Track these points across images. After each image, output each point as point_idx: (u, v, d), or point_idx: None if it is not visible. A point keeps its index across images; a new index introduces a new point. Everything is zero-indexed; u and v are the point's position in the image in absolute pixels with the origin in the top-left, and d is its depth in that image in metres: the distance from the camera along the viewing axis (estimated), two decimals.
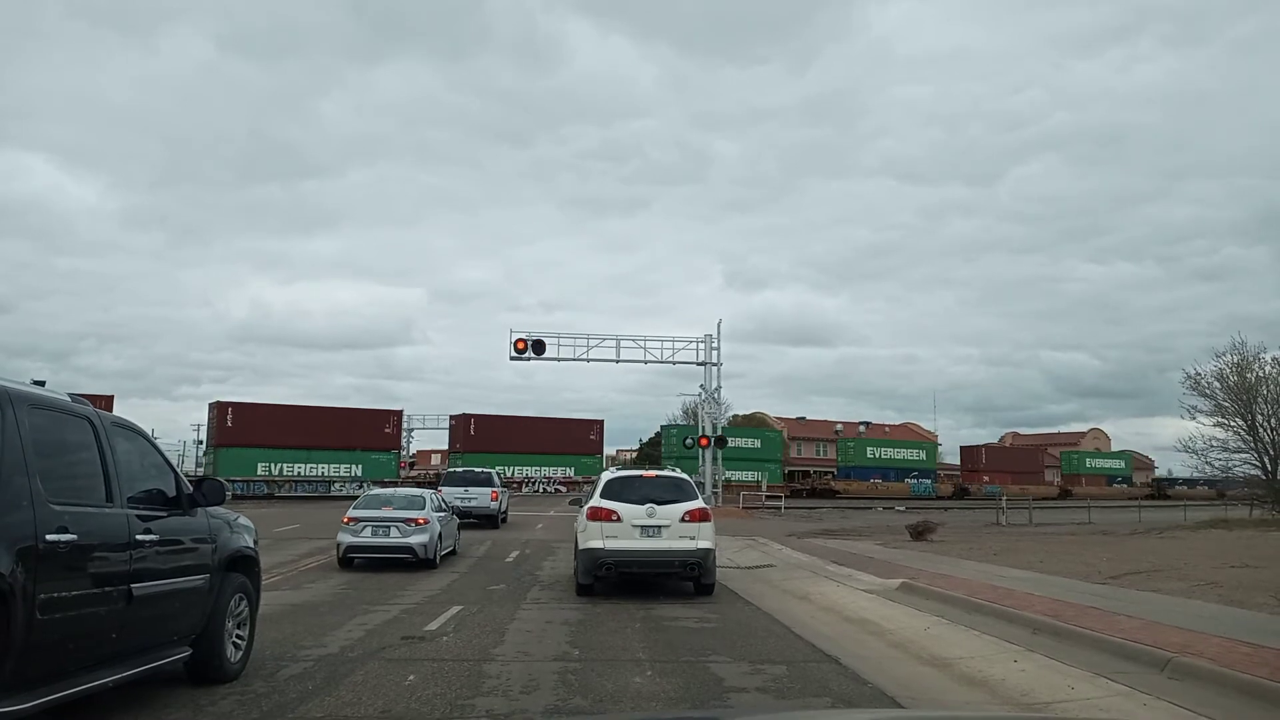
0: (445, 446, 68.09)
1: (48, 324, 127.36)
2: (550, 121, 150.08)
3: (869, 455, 78.04)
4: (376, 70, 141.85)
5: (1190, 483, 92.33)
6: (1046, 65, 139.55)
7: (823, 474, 78.20)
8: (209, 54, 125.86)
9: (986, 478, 79.34)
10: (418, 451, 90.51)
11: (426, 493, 19.41)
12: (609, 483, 13.98)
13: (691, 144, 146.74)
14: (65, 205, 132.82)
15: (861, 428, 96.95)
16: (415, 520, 16.94)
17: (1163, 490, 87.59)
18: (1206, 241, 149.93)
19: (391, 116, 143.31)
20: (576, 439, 63.19)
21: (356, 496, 21.56)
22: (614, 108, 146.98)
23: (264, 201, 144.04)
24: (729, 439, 47.56)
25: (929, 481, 78.24)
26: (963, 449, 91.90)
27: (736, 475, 55.87)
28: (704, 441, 41.01)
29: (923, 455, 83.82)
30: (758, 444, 69.17)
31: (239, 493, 44.92)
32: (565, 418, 67.09)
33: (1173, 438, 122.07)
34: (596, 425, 65.05)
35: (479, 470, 32.00)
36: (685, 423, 69.70)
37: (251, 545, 7.88)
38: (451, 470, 32.85)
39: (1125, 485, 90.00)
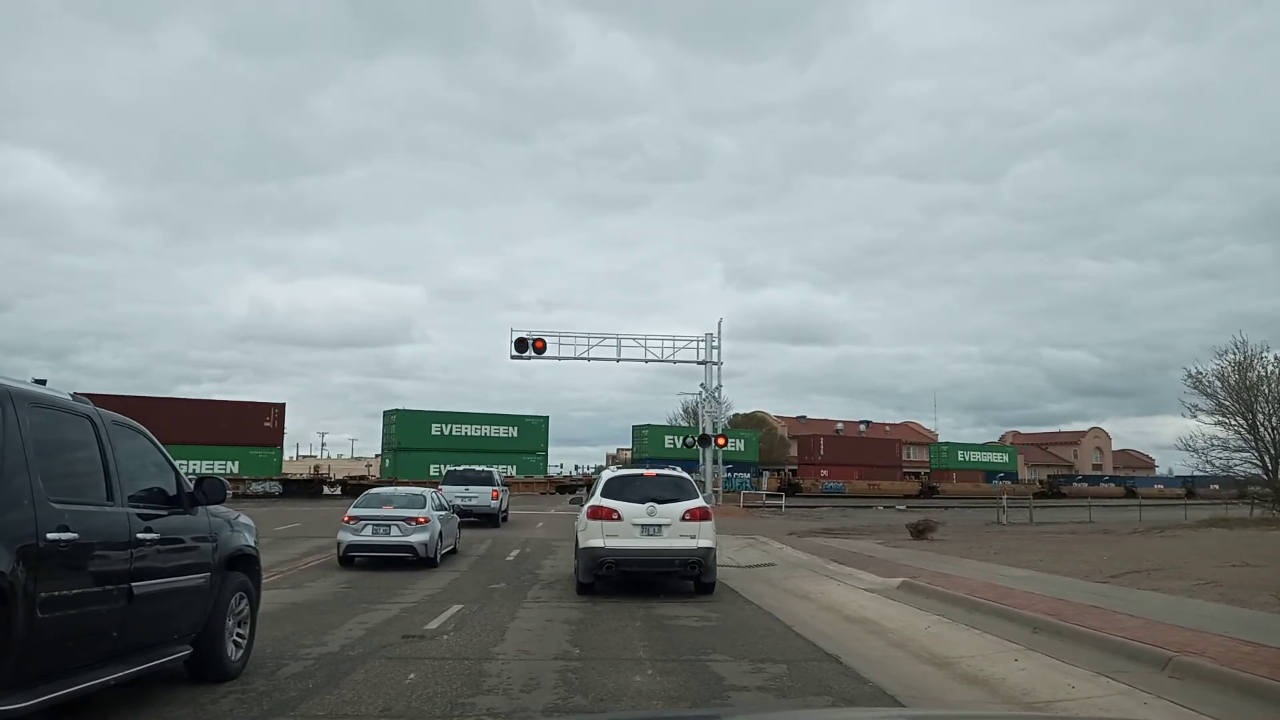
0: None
1: (45, 322, 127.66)
2: (549, 117, 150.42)
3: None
4: (374, 66, 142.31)
5: (1093, 479, 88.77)
6: (1048, 61, 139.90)
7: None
8: (206, 50, 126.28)
9: (825, 472, 70.43)
10: None
11: (427, 491, 19.40)
12: (610, 481, 13.98)
13: (691, 140, 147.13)
14: (62, 202, 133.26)
15: (862, 427, 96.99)
16: (416, 519, 16.94)
17: (1056, 489, 79.76)
18: (1208, 239, 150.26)
19: (389, 113, 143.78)
20: (247, 427, 50.69)
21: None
22: (613, 104, 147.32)
23: (262, 198, 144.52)
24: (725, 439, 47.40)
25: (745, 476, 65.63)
26: (799, 439, 79.87)
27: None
28: (720, 440, 40.96)
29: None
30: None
31: None
32: (234, 400, 56.00)
33: (1173, 436, 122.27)
34: (275, 410, 53.13)
35: (480, 469, 31.99)
36: (685, 423, 69.66)
37: (252, 544, 7.88)
38: (452, 469, 32.81)
39: (1008, 482, 78.75)
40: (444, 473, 33.43)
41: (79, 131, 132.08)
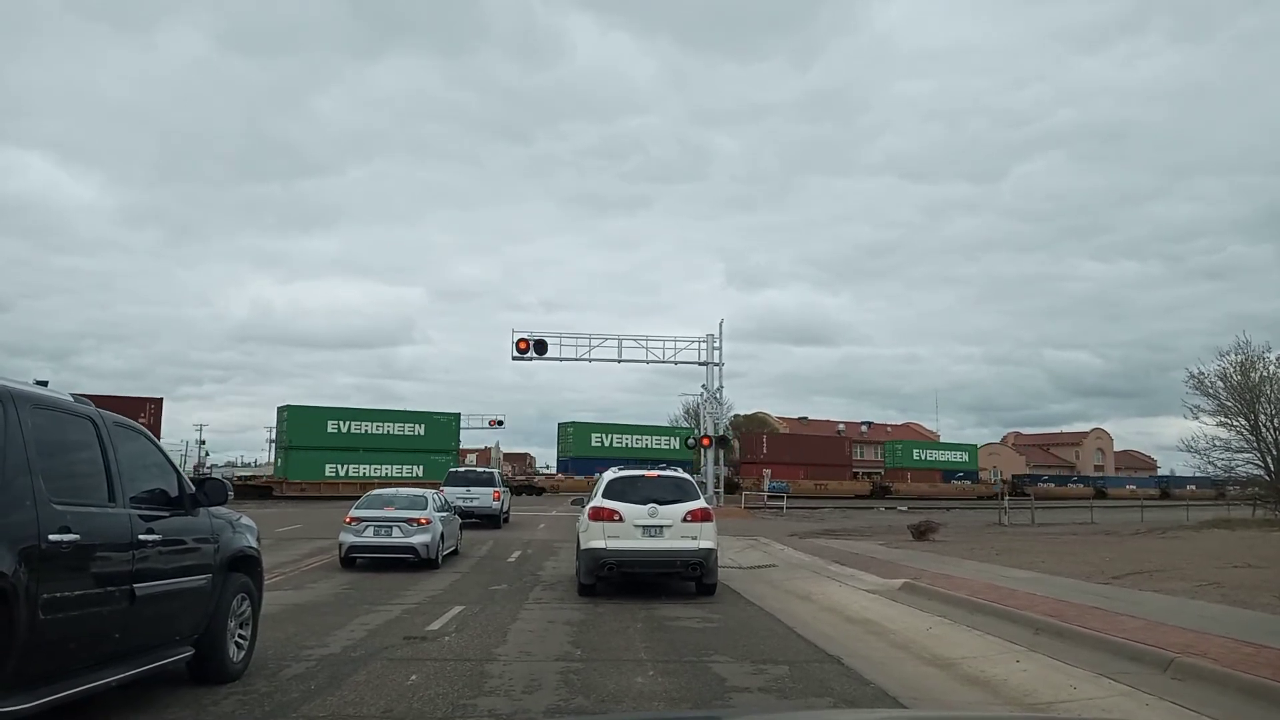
0: None
1: (47, 323, 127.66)
2: (550, 118, 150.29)
3: None
4: (374, 66, 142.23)
5: (1060, 479, 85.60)
6: (1050, 61, 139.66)
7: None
8: (206, 50, 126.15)
9: (768, 471, 65.73)
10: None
11: (428, 492, 19.42)
12: (611, 483, 13.98)
13: (692, 141, 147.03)
14: (63, 203, 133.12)
15: (864, 428, 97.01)
16: (417, 520, 16.95)
17: (1020, 489, 74.40)
18: (1210, 239, 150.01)
19: (389, 113, 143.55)
20: None
21: None
22: (614, 104, 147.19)
23: (262, 199, 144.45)
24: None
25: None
26: (742, 436, 74.85)
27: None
28: (705, 441, 41.05)
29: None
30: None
31: None
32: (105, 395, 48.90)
33: (1175, 437, 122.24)
34: (151, 406, 46.93)
35: (481, 470, 32.05)
36: (686, 424, 69.61)
37: (254, 545, 7.89)
38: (454, 470, 32.82)
39: (968, 482, 76.58)
40: (448, 474, 33.38)
41: (79, 132, 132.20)
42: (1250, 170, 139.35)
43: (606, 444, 64.75)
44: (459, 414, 60.70)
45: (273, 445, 59.26)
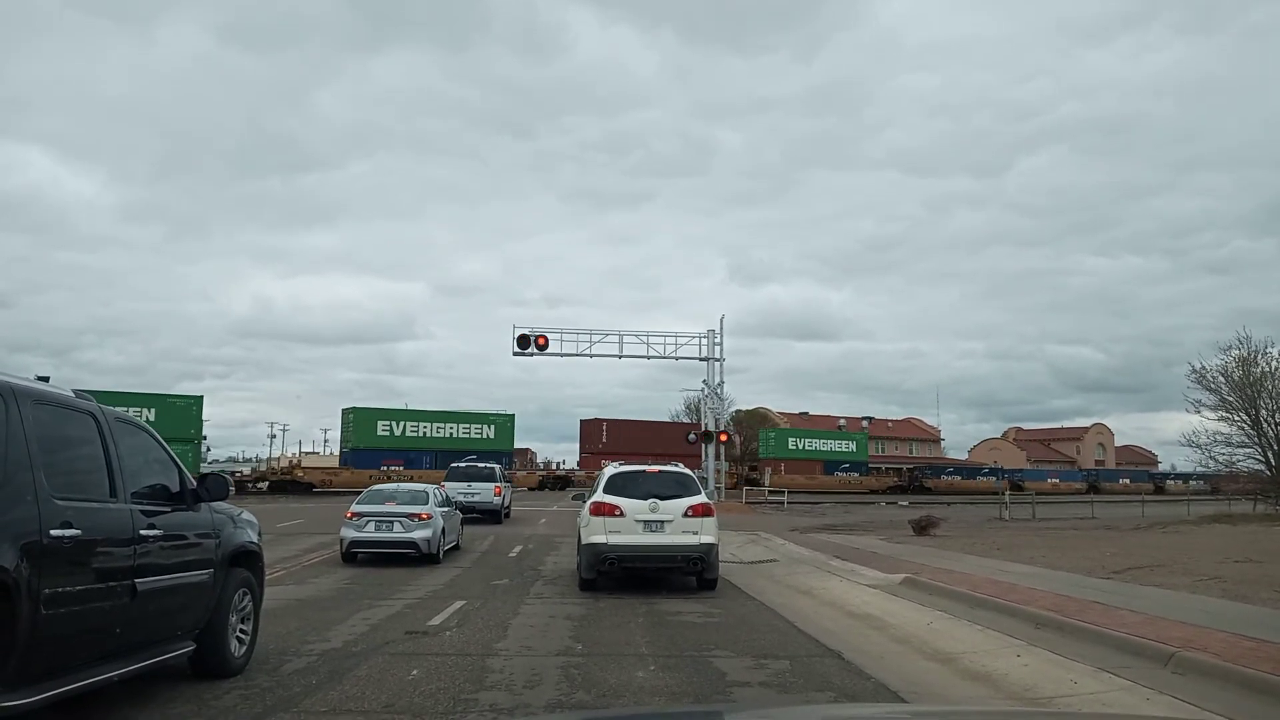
0: None
1: (48, 319, 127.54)
2: (552, 112, 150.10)
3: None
4: (375, 61, 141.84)
5: (969, 472, 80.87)
6: (1055, 54, 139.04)
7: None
8: (207, 45, 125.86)
9: (609, 462, 63.54)
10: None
11: (429, 488, 19.44)
12: (612, 478, 13.98)
13: (695, 135, 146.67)
14: (63, 198, 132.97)
15: (865, 423, 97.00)
16: (418, 515, 16.97)
17: (920, 483, 69.82)
18: (1214, 234, 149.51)
19: (391, 108, 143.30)
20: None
21: None
22: (616, 98, 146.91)
23: (263, 194, 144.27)
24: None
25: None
26: (582, 423, 70.37)
27: None
28: (723, 437, 41.03)
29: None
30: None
31: None
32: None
33: (1177, 433, 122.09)
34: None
35: (482, 465, 32.04)
36: (687, 419, 69.57)
37: (255, 540, 7.90)
38: (455, 465, 32.84)
39: (855, 475, 70.98)
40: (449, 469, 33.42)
41: (80, 128, 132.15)
42: (1255, 165, 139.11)
43: (397, 433, 57.81)
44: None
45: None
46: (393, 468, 54.71)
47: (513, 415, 63.61)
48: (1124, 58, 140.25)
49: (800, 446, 72.53)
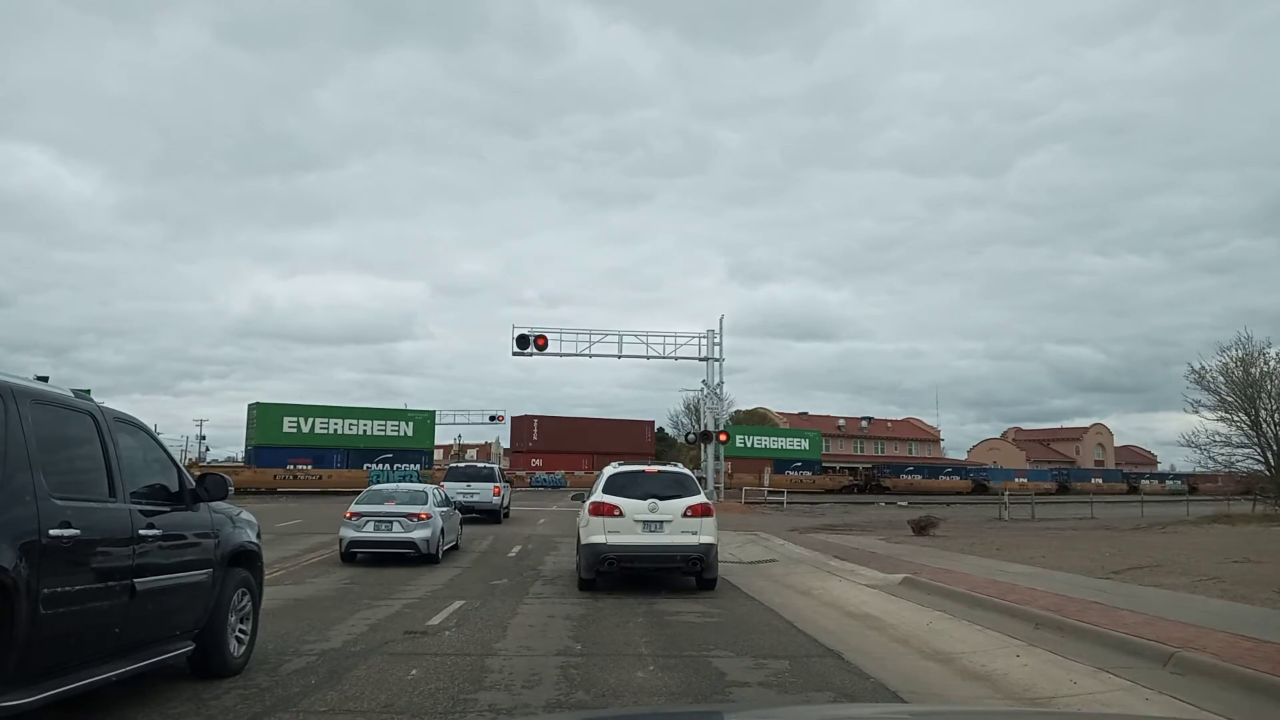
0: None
1: (47, 318, 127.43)
2: (552, 111, 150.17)
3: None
4: (375, 59, 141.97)
5: (930, 471, 77.39)
6: (1055, 53, 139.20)
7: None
8: (206, 43, 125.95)
9: (538, 461, 58.06)
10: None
11: (429, 488, 19.45)
12: (611, 478, 13.98)
13: (695, 134, 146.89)
14: (62, 198, 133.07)
15: (864, 423, 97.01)
16: (417, 515, 16.97)
17: (877, 482, 67.92)
18: (1215, 233, 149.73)
19: (390, 107, 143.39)
20: None
21: None
22: (616, 97, 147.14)
23: (263, 193, 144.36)
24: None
25: None
26: (513, 420, 67.57)
27: None
28: (723, 437, 41.07)
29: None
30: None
31: None
32: None
33: (1177, 432, 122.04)
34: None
35: (481, 465, 32.07)
36: (687, 419, 69.42)
37: (254, 540, 7.90)
38: (454, 465, 32.86)
39: (809, 474, 68.07)
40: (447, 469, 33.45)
41: (79, 126, 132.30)
42: (1256, 164, 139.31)
43: (305, 429, 54.70)
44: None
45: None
46: (300, 466, 52.70)
47: (433, 412, 60.57)
48: (1124, 56, 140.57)
49: (749, 445, 69.05)
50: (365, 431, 56.72)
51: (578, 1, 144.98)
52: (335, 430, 56.23)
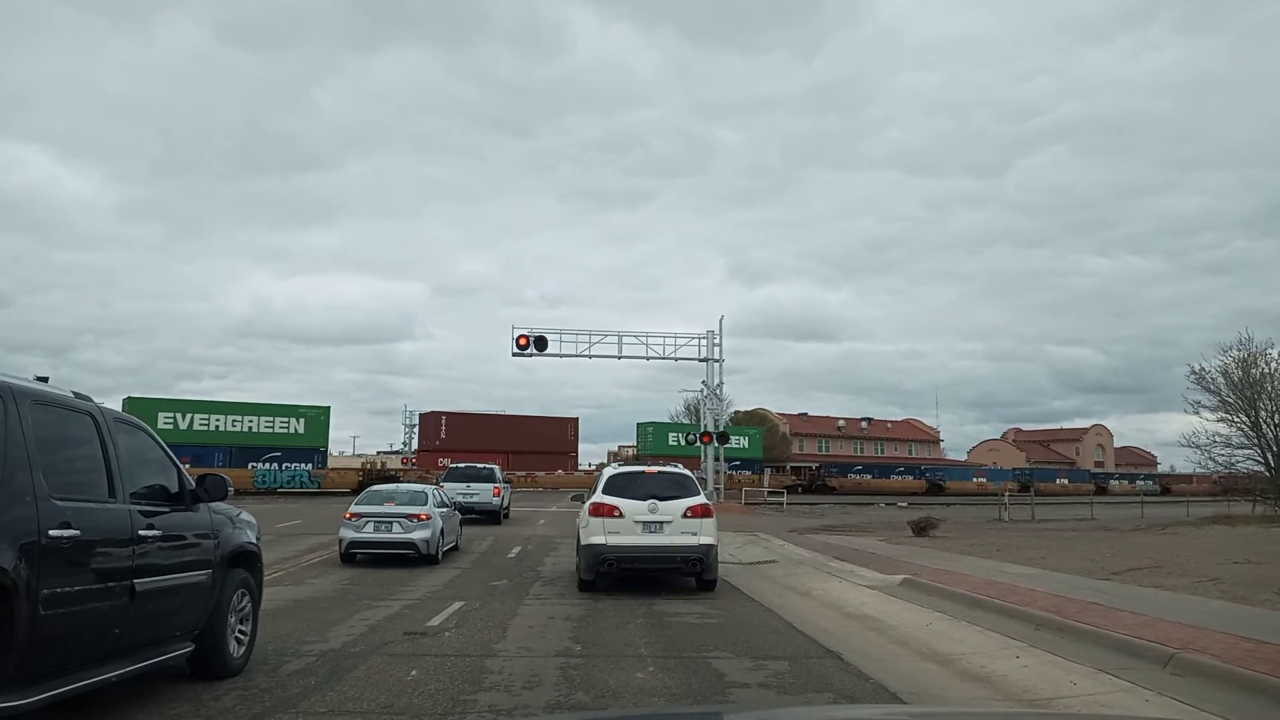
0: None
1: (46, 318, 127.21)
2: (551, 111, 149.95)
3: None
4: (374, 59, 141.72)
5: (881, 470, 74.22)
6: (1055, 52, 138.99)
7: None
8: (205, 43, 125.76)
9: (446, 460, 53.46)
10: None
11: (429, 488, 19.45)
12: (611, 479, 13.99)
13: (694, 134, 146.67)
14: (62, 197, 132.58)
15: (864, 424, 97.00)
16: (417, 516, 16.97)
17: (823, 482, 64.18)
18: (1215, 234, 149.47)
19: (390, 106, 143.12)
20: None
21: None
22: (616, 97, 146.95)
23: (262, 193, 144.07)
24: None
25: None
26: (421, 416, 62.96)
27: None
28: (705, 438, 41.10)
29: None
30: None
31: None
32: None
33: (1177, 433, 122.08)
34: None
35: (481, 466, 32.03)
36: (686, 420, 69.28)
37: (254, 541, 7.89)
38: (454, 466, 32.85)
39: (749, 474, 64.40)
40: (448, 469, 33.43)
41: (78, 126, 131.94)
42: (1256, 164, 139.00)
43: (183, 426, 51.43)
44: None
45: None
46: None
47: (327, 408, 57.32)
48: (1125, 56, 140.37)
49: (681, 443, 65.05)
50: (251, 428, 54.37)
51: (578, 1, 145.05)
52: (217, 427, 53.81)
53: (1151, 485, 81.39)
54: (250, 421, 54.66)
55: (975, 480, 75.46)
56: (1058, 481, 73.72)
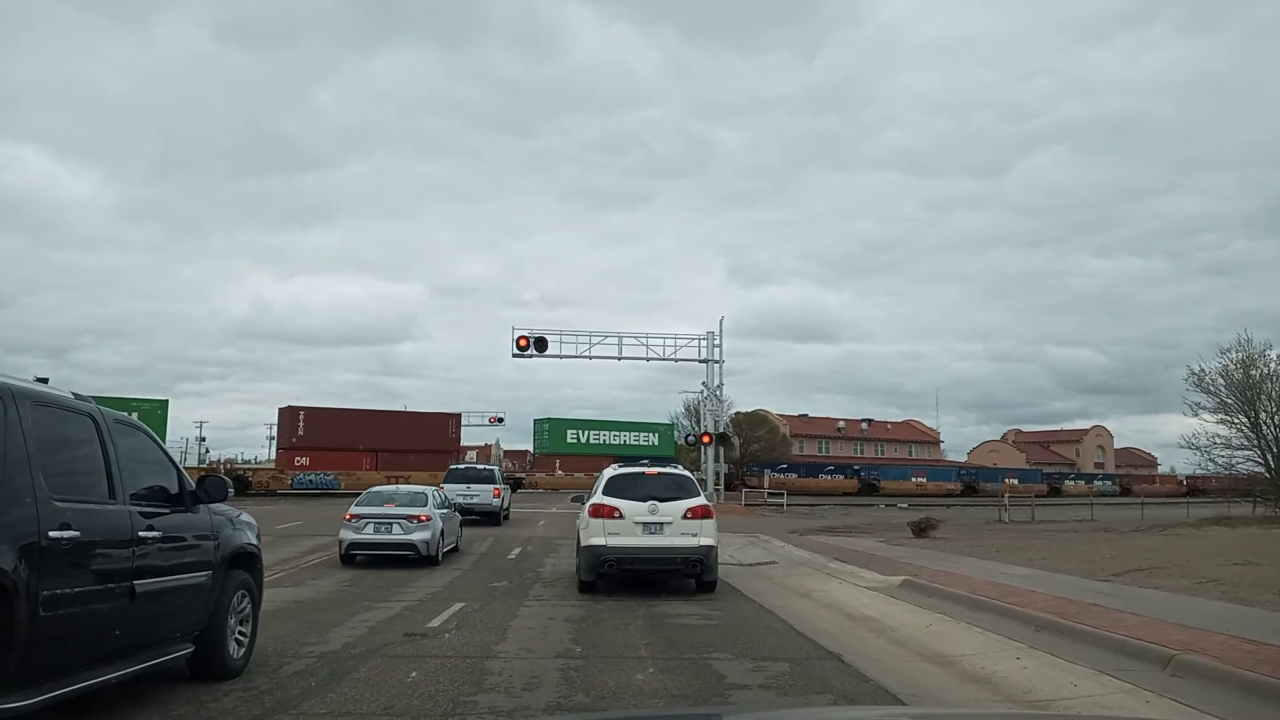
0: None
1: (45, 319, 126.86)
2: (551, 111, 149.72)
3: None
4: (374, 59, 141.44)
5: (811, 469, 71.71)
6: (1056, 53, 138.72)
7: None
8: (204, 43, 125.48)
9: (305, 459, 49.12)
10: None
11: (428, 489, 19.44)
12: (611, 480, 13.98)
13: (694, 135, 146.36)
14: (60, 198, 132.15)
15: (864, 425, 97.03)
16: (417, 517, 16.97)
17: (743, 481, 59.49)
18: (1216, 235, 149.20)
19: (390, 107, 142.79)
20: None
21: None
22: (616, 97, 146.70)
23: (261, 194, 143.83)
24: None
25: None
26: (280, 411, 56.76)
27: None
28: (705, 439, 41.11)
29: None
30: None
31: None
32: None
33: (1177, 435, 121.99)
34: None
35: (481, 467, 32.04)
36: (686, 421, 69.11)
37: (254, 542, 7.89)
38: (454, 467, 32.83)
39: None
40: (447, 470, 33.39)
41: (76, 126, 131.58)
42: (1257, 165, 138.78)
43: None
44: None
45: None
46: None
47: (165, 401, 52.21)
48: (1125, 57, 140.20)
49: (583, 440, 62.78)
50: None
51: (577, 1, 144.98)
52: None
53: (1110, 486, 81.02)
54: None
55: (914, 480, 72.26)
56: (1004, 482, 70.77)
